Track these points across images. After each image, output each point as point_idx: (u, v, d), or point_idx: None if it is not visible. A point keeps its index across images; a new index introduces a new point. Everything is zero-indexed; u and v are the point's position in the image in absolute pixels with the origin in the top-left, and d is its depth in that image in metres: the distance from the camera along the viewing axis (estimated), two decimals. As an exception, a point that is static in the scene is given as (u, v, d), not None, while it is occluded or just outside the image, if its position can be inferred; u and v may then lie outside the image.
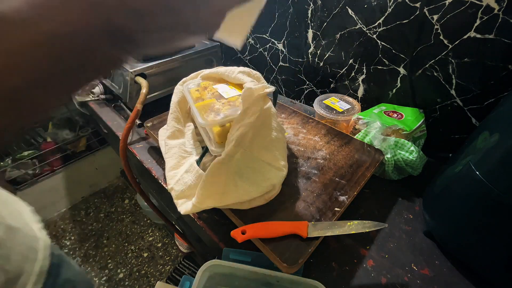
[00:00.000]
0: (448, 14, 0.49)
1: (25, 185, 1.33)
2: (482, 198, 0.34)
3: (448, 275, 0.40)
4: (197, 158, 0.45)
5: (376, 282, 0.40)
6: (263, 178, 0.42)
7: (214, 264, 0.38)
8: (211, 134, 0.44)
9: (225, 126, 0.42)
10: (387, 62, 0.62)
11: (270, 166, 0.43)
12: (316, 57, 0.77)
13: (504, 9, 0.44)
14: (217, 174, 0.38)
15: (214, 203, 0.39)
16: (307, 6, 0.71)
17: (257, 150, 0.42)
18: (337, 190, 0.45)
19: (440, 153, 0.62)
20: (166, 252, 1.35)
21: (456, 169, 0.39)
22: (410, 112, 0.58)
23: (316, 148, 0.53)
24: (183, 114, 0.51)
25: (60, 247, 1.37)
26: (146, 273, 1.26)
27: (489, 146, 0.34)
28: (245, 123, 0.38)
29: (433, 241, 0.45)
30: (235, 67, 0.50)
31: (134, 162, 0.69)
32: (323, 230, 0.38)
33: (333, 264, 0.42)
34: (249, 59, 0.99)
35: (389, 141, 0.52)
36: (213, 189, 0.38)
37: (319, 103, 0.66)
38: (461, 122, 0.56)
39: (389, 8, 0.56)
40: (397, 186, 0.54)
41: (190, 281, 0.40)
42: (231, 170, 0.39)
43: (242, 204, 0.41)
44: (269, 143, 0.43)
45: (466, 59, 0.51)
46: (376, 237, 0.45)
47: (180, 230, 0.89)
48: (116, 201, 1.62)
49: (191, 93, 0.48)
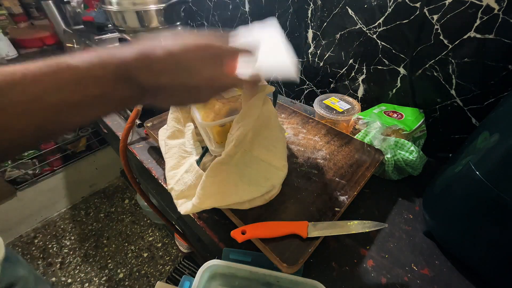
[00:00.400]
0: (448, 14, 0.49)
1: (25, 185, 1.33)
2: (482, 198, 0.34)
3: (448, 275, 0.40)
4: (197, 158, 0.45)
5: (376, 282, 0.40)
6: (263, 178, 0.42)
7: (214, 264, 0.38)
8: (211, 134, 0.44)
9: (225, 126, 0.42)
10: (387, 62, 0.62)
11: (270, 166, 0.43)
12: (316, 57, 0.77)
13: (504, 9, 0.44)
14: (217, 174, 0.38)
15: (214, 203, 0.39)
16: (307, 6, 0.71)
17: (257, 150, 0.42)
18: (337, 190, 0.45)
19: (440, 153, 0.62)
20: (166, 252, 1.35)
21: (456, 169, 0.39)
22: (410, 112, 0.58)
23: (316, 148, 0.53)
24: (183, 114, 0.51)
25: (60, 247, 1.37)
26: (146, 273, 1.26)
27: (489, 146, 0.34)
28: (245, 123, 0.38)
29: (433, 241, 0.45)
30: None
31: (134, 162, 0.69)
32: (323, 230, 0.38)
33: (333, 264, 0.42)
34: (249, 59, 0.99)
35: (389, 141, 0.52)
36: (213, 189, 0.38)
37: (319, 103, 0.66)
38: (461, 122, 0.56)
39: (389, 8, 0.56)
40: (397, 186, 0.54)
41: (190, 281, 0.40)
42: (231, 170, 0.39)
43: (242, 204, 0.41)
44: (269, 143, 0.43)
45: (466, 59, 0.51)
46: (376, 237, 0.45)
47: (180, 230, 0.89)
48: (116, 201, 1.62)
49: None
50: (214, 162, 0.37)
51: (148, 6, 0.77)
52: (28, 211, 1.41)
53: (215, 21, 1.03)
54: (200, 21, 1.11)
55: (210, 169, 0.37)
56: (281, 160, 0.44)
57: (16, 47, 1.29)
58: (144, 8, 0.77)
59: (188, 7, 1.11)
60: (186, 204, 0.40)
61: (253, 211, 0.41)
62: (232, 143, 0.37)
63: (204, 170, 0.41)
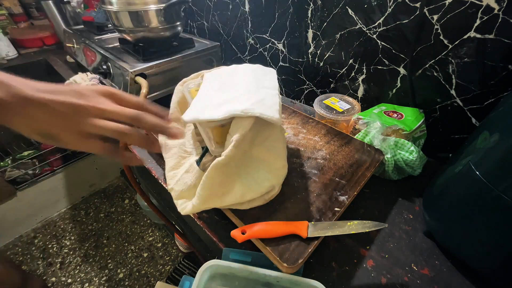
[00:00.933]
0: (448, 14, 0.49)
1: (25, 185, 1.33)
2: (482, 198, 0.34)
3: (448, 275, 0.40)
4: (197, 158, 0.45)
5: (376, 282, 0.40)
6: (263, 178, 0.42)
7: (214, 264, 0.38)
8: (211, 134, 0.44)
9: (224, 127, 0.42)
10: (387, 62, 0.62)
11: (270, 166, 0.43)
12: (316, 57, 0.77)
13: (504, 9, 0.44)
14: (217, 175, 0.38)
15: (214, 204, 0.39)
16: (307, 6, 0.71)
17: (257, 150, 0.42)
18: (337, 190, 0.45)
19: (440, 153, 0.62)
20: (166, 252, 1.35)
21: (456, 169, 0.39)
22: (410, 112, 0.58)
23: (316, 148, 0.53)
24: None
25: (60, 247, 1.37)
26: (146, 273, 1.26)
27: (489, 146, 0.34)
28: (244, 124, 0.38)
29: (433, 241, 0.45)
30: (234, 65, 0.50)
31: (134, 162, 0.69)
32: (323, 230, 0.38)
33: (333, 264, 0.42)
34: (249, 59, 0.99)
35: (389, 141, 0.52)
36: (213, 190, 0.38)
37: (319, 103, 0.66)
38: (461, 122, 0.56)
39: (389, 8, 0.56)
40: (397, 186, 0.54)
41: (190, 281, 0.40)
42: (231, 171, 0.39)
43: (242, 204, 0.41)
44: (269, 143, 0.43)
45: (466, 59, 0.51)
46: (376, 237, 0.45)
47: (180, 230, 0.89)
48: (116, 201, 1.62)
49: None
50: (214, 163, 0.37)
51: (148, 6, 0.77)
52: (28, 211, 1.41)
53: (215, 21, 1.03)
54: (200, 21, 1.11)
55: (210, 170, 0.37)
56: (281, 160, 0.44)
57: (16, 47, 1.30)
58: (144, 8, 0.77)
59: (188, 7, 1.11)
60: (186, 204, 0.40)
61: (253, 211, 0.41)
62: (232, 144, 0.37)
63: (204, 170, 0.41)
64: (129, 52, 0.89)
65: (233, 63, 0.52)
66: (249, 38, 0.94)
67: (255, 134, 0.41)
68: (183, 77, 0.55)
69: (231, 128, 0.39)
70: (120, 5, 0.77)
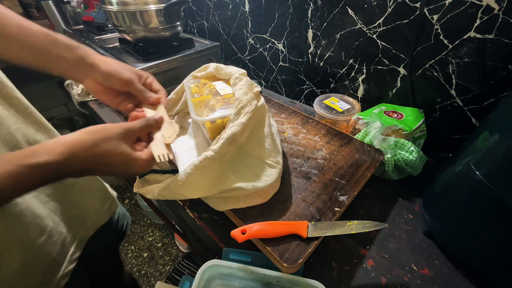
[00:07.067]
0: (448, 14, 0.49)
1: (25, 185, 1.33)
2: (482, 198, 0.34)
3: (448, 275, 0.40)
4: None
5: (376, 282, 0.40)
6: (251, 174, 0.42)
7: (214, 264, 0.38)
8: (204, 129, 0.45)
9: (216, 123, 0.43)
10: (387, 62, 0.62)
11: (263, 162, 0.43)
12: (316, 57, 0.77)
13: (504, 9, 0.44)
14: (204, 168, 0.37)
15: (203, 194, 0.40)
16: (307, 6, 0.71)
17: (250, 146, 0.43)
18: (337, 190, 0.45)
19: (440, 153, 0.62)
20: (166, 252, 1.35)
21: (456, 169, 0.39)
22: (410, 112, 0.58)
23: (316, 148, 0.53)
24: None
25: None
26: (146, 273, 1.26)
27: (489, 146, 0.34)
28: (237, 123, 0.39)
29: (433, 241, 0.45)
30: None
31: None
32: (323, 230, 0.38)
33: (333, 264, 0.42)
34: (249, 59, 0.99)
35: (389, 141, 0.52)
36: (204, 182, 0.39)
37: (319, 103, 0.66)
38: (461, 122, 0.56)
39: (389, 8, 0.56)
40: (397, 186, 0.54)
41: (190, 281, 0.40)
42: (223, 165, 0.39)
43: (237, 202, 0.41)
44: (262, 140, 0.44)
45: (466, 59, 0.51)
46: (376, 237, 0.45)
47: (180, 230, 0.89)
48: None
49: (191, 88, 0.49)
50: (202, 158, 0.37)
51: (148, 6, 0.77)
52: (28, 211, 1.41)
53: (215, 21, 1.03)
54: (200, 21, 1.11)
55: (198, 164, 0.37)
56: (274, 157, 0.44)
57: (16, 47, 1.29)
58: (144, 8, 0.77)
59: (188, 7, 1.11)
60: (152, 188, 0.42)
61: (253, 211, 0.41)
62: (223, 141, 0.37)
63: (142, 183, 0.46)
64: (129, 52, 0.89)
65: (233, 63, 0.52)
66: (249, 38, 0.94)
67: (250, 131, 0.42)
68: (183, 77, 0.55)
69: (227, 126, 0.40)
70: (120, 5, 0.77)
